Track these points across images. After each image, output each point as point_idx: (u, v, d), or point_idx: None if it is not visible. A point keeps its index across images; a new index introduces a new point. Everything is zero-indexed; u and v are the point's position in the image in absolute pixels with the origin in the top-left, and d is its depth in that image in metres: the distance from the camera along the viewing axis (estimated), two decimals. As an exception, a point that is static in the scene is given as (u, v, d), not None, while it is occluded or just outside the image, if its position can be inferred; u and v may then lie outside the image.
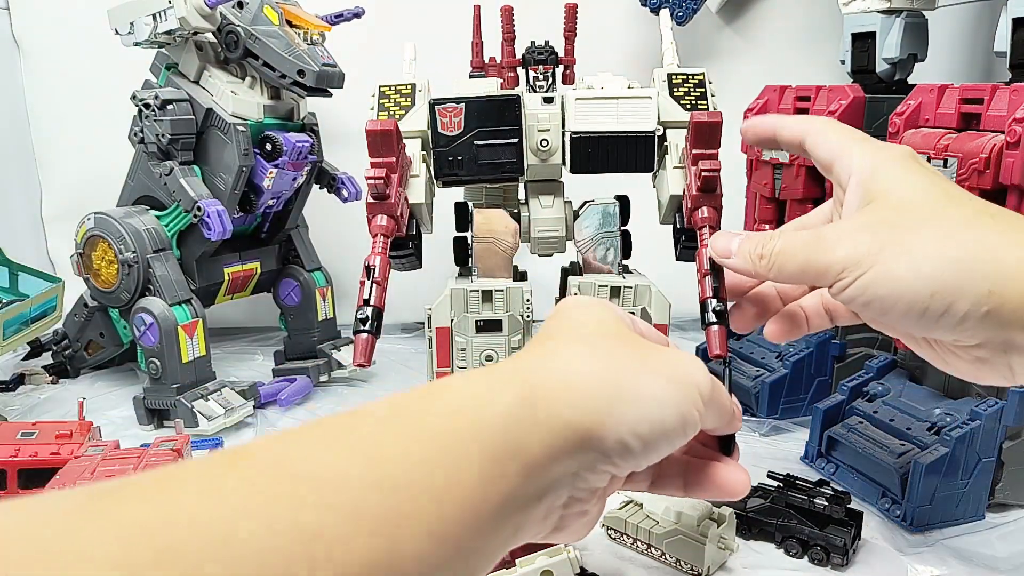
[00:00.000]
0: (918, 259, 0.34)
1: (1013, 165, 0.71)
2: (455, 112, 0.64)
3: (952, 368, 0.39)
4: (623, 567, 0.71)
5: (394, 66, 0.71)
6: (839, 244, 0.36)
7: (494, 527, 0.28)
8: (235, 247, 1.14)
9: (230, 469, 0.24)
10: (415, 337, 1.39)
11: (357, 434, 0.27)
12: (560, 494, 0.31)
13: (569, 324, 0.34)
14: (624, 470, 0.32)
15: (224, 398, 1.03)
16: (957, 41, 1.31)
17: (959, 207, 0.35)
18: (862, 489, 0.81)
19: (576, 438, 0.30)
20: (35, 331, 1.07)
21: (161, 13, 0.99)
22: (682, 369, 0.33)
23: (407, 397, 0.29)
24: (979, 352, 0.36)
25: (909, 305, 0.35)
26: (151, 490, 0.23)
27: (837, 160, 0.40)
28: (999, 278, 0.33)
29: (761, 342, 1.08)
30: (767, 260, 0.39)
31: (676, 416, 0.32)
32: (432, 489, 0.25)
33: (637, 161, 0.66)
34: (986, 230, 0.34)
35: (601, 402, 0.30)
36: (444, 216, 0.72)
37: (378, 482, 0.25)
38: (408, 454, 0.26)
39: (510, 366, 0.32)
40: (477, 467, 0.27)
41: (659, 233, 0.71)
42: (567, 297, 0.38)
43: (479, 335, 0.64)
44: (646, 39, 1.31)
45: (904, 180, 0.37)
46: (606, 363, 0.32)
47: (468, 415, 0.28)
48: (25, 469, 0.75)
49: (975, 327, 0.34)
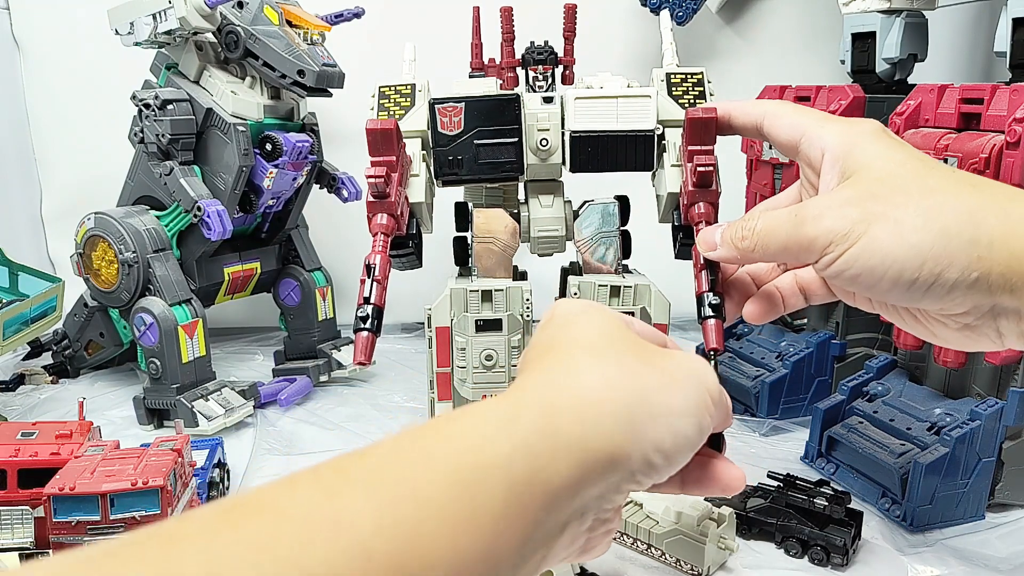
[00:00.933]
0: (905, 230, 0.34)
1: (1013, 165, 0.71)
2: (455, 112, 0.64)
3: (939, 338, 0.39)
4: (623, 567, 0.71)
5: (394, 66, 0.71)
6: (823, 218, 0.36)
7: (516, 563, 0.27)
8: (235, 247, 1.14)
9: (233, 523, 0.23)
10: (415, 337, 1.39)
11: (365, 476, 0.26)
12: (585, 520, 0.30)
13: (573, 333, 0.33)
14: (646, 486, 0.31)
15: (224, 398, 1.03)
16: (957, 41, 1.31)
17: (940, 178, 0.36)
18: (862, 489, 0.81)
19: (601, 463, 0.28)
20: (35, 331, 1.07)
21: (161, 13, 0.99)
22: (694, 375, 0.33)
23: (418, 433, 0.28)
24: (966, 319, 0.36)
25: (898, 275, 0.35)
26: (151, 553, 0.22)
27: (804, 139, 0.40)
28: (985, 244, 0.33)
29: (761, 342, 1.08)
30: (749, 241, 0.40)
31: (695, 426, 0.32)
32: (447, 530, 0.24)
33: (637, 160, 0.66)
34: (969, 198, 0.35)
35: (624, 423, 0.29)
36: (444, 216, 0.72)
37: (390, 525, 0.24)
38: (421, 494, 0.25)
39: (524, 392, 0.30)
40: (495, 504, 0.26)
41: (659, 233, 0.71)
42: (560, 300, 0.37)
43: (479, 335, 0.64)
44: (646, 39, 1.31)
45: (882, 154, 0.37)
46: (624, 379, 0.31)
47: (484, 450, 0.27)
48: (25, 469, 0.75)
49: (964, 294, 0.34)
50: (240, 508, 0.24)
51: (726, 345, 1.10)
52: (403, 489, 0.25)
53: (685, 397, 0.32)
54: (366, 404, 1.11)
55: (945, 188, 0.35)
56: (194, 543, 0.22)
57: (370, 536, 0.23)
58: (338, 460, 0.27)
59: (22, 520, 0.70)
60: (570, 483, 0.28)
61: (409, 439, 0.28)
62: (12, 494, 0.74)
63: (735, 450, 0.93)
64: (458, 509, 0.25)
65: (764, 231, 0.39)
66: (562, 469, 0.28)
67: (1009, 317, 0.35)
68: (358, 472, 0.26)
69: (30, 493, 0.73)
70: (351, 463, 0.26)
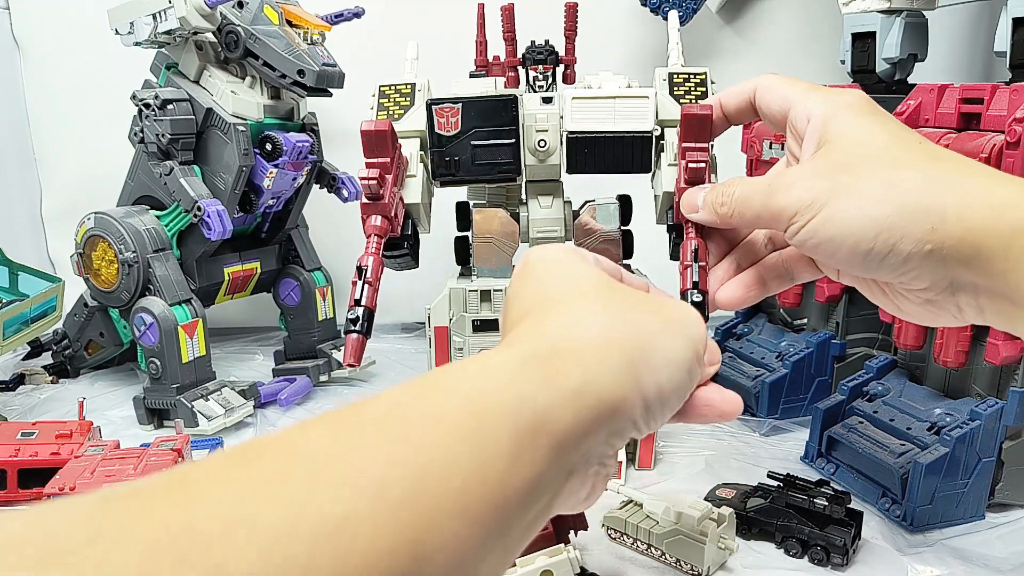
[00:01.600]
0: (865, 201, 0.35)
1: (1013, 165, 0.71)
2: (452, 112, 0.64)
3: (904, 312, 0.39)
4: (623, 567, 0.71)
5: (394, 66, 0.71)
6: (792, 188, 0.37)
7: (525, 506, 0.27)
8: (235, 247, 1.14)
9: (247, 462, 0.23)
10: (415, 337, 1.39)
11: (375, 421, 0.26)
12: (591, 463, 0.30)
13: (561, 282, 0.33)
14: (645, 432, 0.32)
15: (224, 398, 1.03)
16: (957, 41, 1.31)
17: (907, 150, 0.36)
18: (862, 489, 0.81)
19: (607, 408, 0.29)
20: (35, 331, 1.07)
21: (161, 13, 0.99)
22: (685, 321, 0.34)
23: (419, 384, 0.28)
24: (927, 294, 0.36)
25: (854, 246, 0.35)
26: (167, 491, 0.22)
27: (792, 108, 0.41)
28: (939, 216, 0.33)
29: (761, 342, 1.08)
30: (728, 207, 0.41)
31: (688, 372, 0.32)
32: (456, 476, 0.25)
33: (634, 161, 0.66)
34: (931, 171, 0.35)
35: (627, 369, 0.30)
36: (444, 216, 0.72)
37: (402, 463, 0.24)
38: (430, 441, 0.25)
39: (523, 342, 0.30)
40: (501, 451, 0.26)
41: (660, 233, 0.71)
42: (531, 249, 0.37)
43: (476, 334, 0.64)
44: (647, 38, 1.31)
45: (855, 124, 0.38)
46: (624, 324, 0.31)
47: (489, 398, 0.27)
48: (25, 469, 0.75)
49: (919, 266, 0.35)
50: (253, 450, 0.24)
51: (726, 345, 1.10)
52: (413, 435, 0.25)
53: (682, 343, 0.32)
54: (366, 404, 1.11)
55: (909, 161, 0.35)
56: (205, 484, 0.22)
57: (382, 475, 0.23)
58: (347, 408, 0.27)
59: (22, 520, 0.70)
60: (575, 429, 0.28)
61: (418, 388, 0.28)
62: (12, 494, 0.74)
63: (735, 450, 0.94)
64: (466, 457, 0.25)
65: (740, 198, 0.40)
66: (567, 415, 0.28)
67: (967, 292, 0.35)
68: (368, 417, 0.26)
69: (30, 493, 0.74)
70: (360, 410, 0.26)
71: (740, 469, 0.88)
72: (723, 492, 0.78)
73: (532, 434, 0.27)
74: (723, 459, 0.91)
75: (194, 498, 0.21)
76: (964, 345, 0.78)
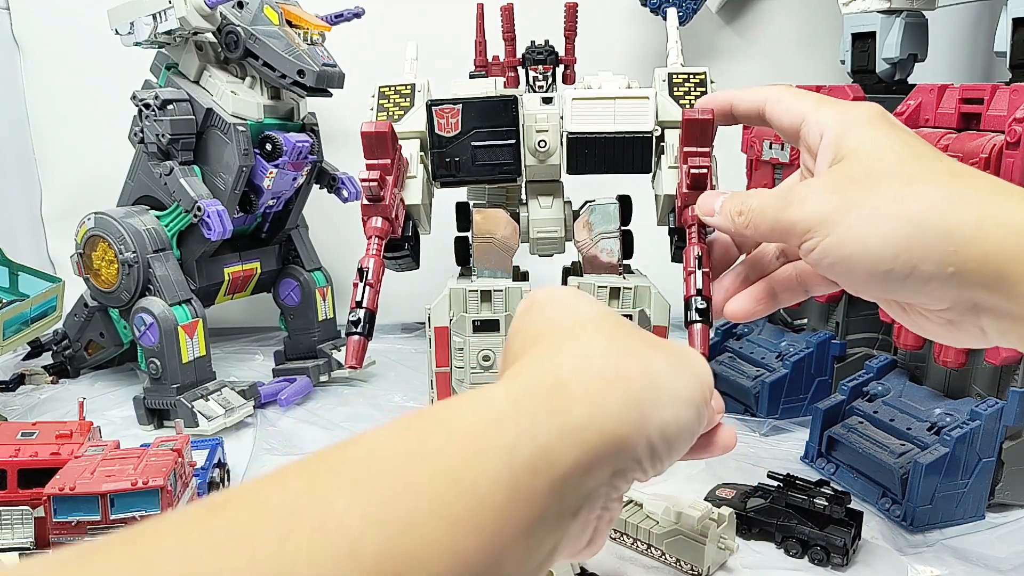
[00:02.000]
0: (881, 219, 0.34)
1: (1013, 165, 0.71)
2: (452, 113, 0.64)
3: (925, 331, 0.38)
4: (623, 567, 0.71)
5: (394, 66, 0.71)
6: (806, 203, 0.36)
7: (523, 555, 0.25)
8: (235, 247, 1.14)
9: (210, 518, 0.22)
10: (415, 337, 1.39)
11: (355, 467, 0.24)
12: (595, 505, 0.28)
13: (569, 315, 0.32)
14: (650, 474, 0.30)
15: (224, 398, 1.03)
16: (957, 41, 1.31)
17: (924, 166, 0.35)
18: (862, 489, 0.81)
19: (612, 445, 0.27)
20: (35, 331, 1.07)
21: (161, 13, 0.99)
22: (693, 361, 0.33)
23: (413, 420, 0.26)
24: (948, 315, 0.35)
25: (873, 266, 0.34)
26: (127, 551, 0.20)
27: (805, 123, 0.40)
28: (960, 238, 0.32)
29: (761, 342, 1.08)
30: (745, 217, 0.40)
31: (696, 414, 0.31)
32: (445, 524, 0.23)
33: (634, 162, 0.66)
34: (949, 188, 0.34)
35: (634, 406, 0.28)
36: (444, 216, 0.72)
37: (381, 520, 0.22)
38: (415, 487, 0.23)
39: (525, 375, 0.29)
40: (498, 493, 0.24)
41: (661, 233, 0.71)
42: (537, 288, 0.37)
43: (476, 335, 0.64)
44: (647, 38, 1.31)
45: (871, 138, 0.37)
46: (632, 361, 0.30)
47: (486, 436, 0.25)
48: (25, 469, 0.75)
49: (940, 288, 0.33)
50: (223, 502, 0.23)
51: (726, 345, 1.10)
52: (396, 481, 0.23)
53: (689, 381, 0.31)
54: (366, 404, 1.11)
55: (926, 177, 0.34)
56: (172, 538, 0.21)
57: (358, 531, 0.22)
58: (327, 450, 0.25)
59: (22, 520, 0.70)
60: (577, 467, 0.26)
61: (404, 427, 0.26)
62: (12, 494, 0.74)
63: (735, 450, 0.93)
64: (457, 501, 0.23)
65: (757, 209, 0.39)
66: (569, 452, 0.26)
67: (990, 314, 0.34)
68: (347, 463, 0.24)
69: (30, 493, 0.74)
70: (340, 453, 0.25)
71: (740, 469, 0.88)
72: (723, 492, 0.79)
73: (531, 474, 0.25)
74: (723, 459, 0.91)
75: (149, 557, 0.20)
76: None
